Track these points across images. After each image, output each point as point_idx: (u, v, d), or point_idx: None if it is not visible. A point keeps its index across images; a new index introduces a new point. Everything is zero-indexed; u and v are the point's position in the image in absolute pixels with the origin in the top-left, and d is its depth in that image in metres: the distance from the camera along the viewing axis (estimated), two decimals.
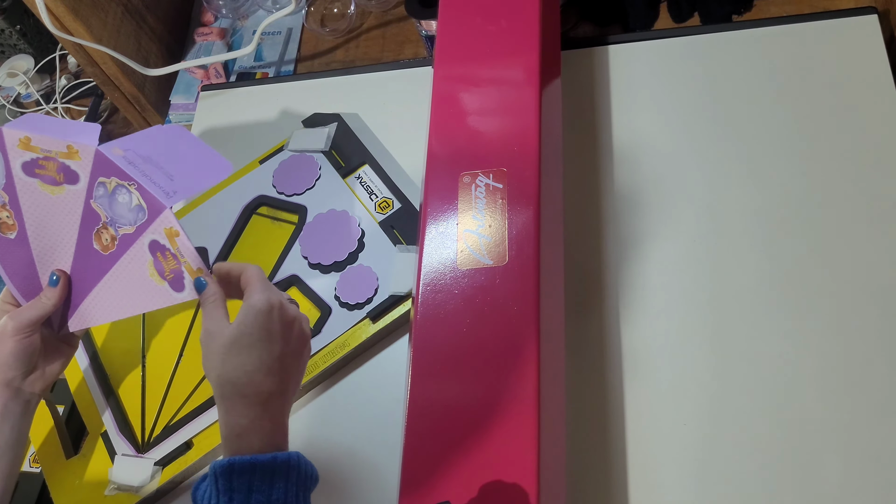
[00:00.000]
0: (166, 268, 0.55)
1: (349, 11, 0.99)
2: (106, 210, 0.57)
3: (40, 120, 0.59)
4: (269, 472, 0.49)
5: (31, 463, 0.78)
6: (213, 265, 0.56)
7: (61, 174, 0.58)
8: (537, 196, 0.62)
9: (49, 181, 0.58)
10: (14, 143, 0.58)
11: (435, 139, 0.67)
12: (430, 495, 0.54)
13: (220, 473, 0.49)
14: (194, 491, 0.51)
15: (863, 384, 0.63)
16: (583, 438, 0.65)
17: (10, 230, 0.61)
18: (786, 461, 0.61)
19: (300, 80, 0.95)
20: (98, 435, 0.75)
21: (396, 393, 0.65)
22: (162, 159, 0.57)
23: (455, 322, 0.59)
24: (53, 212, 0.59)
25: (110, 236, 0.57)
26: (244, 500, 0.48)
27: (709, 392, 0.65)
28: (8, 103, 1.13)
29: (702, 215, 0.72)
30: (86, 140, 0.57)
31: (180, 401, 0.74)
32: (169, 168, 0.56)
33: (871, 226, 0.68)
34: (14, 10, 1.10)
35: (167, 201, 0.54)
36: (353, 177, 0.81)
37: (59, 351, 0.63)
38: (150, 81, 1.00)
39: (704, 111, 0.77)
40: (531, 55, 0.68)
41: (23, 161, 0.59)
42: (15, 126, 0.58)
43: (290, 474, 0.50)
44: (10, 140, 0.58)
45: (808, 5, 0.82)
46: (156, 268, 0.56)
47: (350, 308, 0.74)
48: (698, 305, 0.69)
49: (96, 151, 0.56)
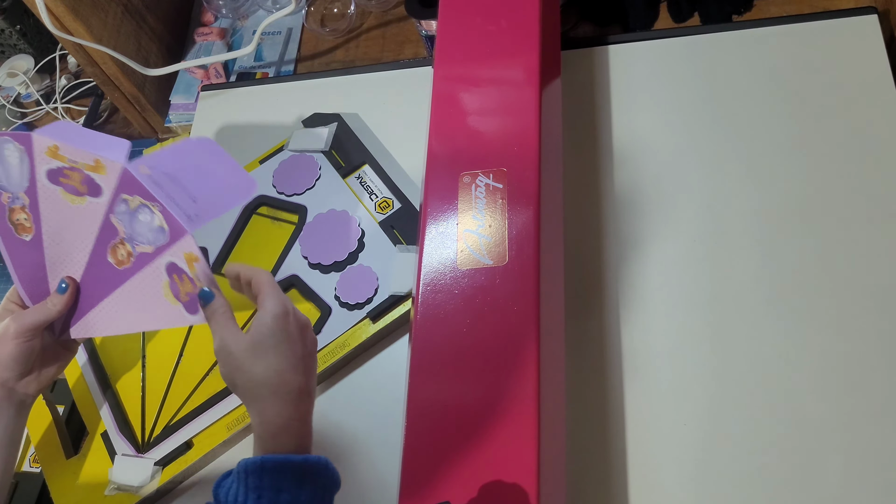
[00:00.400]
0: (182, 290, 0.56)
1: (349, 11, 0.99)
2: (125, 226, 0.57)
3: (72, 129, 0.59)
4: (299, 473, 0.50)
5: (31, 463, 0.78)
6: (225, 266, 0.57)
7: (85, 186, 0.58)
8: (537, 196, 0.62)
9: (71, 191, 0.59)
10: (42, 150, 0.59)
11: (435, 139, 0.67)
12: (430, 495, 0.54)
13: (250, 471, 0.49)
14: (216, 487, 0.51)
15: (863, 384, 0.63)
16: (583, 438, 0.65)
17: (27, 232, 0.61)
18: (786, 461, 0.61)
19: (300, 80, 0.95)
20: (98, 435, 0.75)
21: (396, 393, 0.65)
22: (188, 179, 0.57)
23: (455, 322, 0.59)
24: (71, 220, 0.60)
25: (126, 252, 0.58)
26: (273, 499, 0.49)
27: (709, 392, 0.65)
28: (8, 103, 1.13)
29: (702, 215, 0.72)
30: (114, 156, 0.57)
31: (180, 401, 0.74)
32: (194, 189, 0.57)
33: (871, 226, 0.68)
34: (14, 10, 1.10)
35: (190, 226, 0.55)
36: (353, 177, 0.81)
37: (58, 355, 0.63)
38: (150, 81, 1.00)
39: (704, 111, 0.77)
40: (531, 55, 0.68)
41: (48, 168, 0.59)
42: (46, 133, 0.59)
43: (318, 478, 0.51)
44: (39, 146, 0.59)
45: (808, 5, 0.82)
46: (171, 289, 0.56)
47: (350, 308, 0.74)
48: (698, 305, 0.69)
49: (123, 169, 0.56)
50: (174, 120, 1.01)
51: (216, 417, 0.72)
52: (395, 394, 0.68)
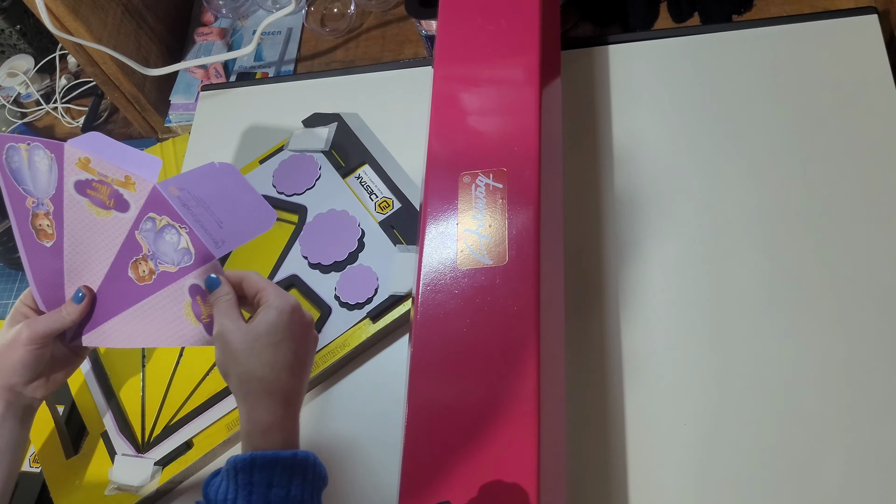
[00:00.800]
0: (204, 312, 0.57)
1: (349, 11, 0.99)
2: (149, 244, 0.58)
3: (105, 143, 0.59)
4: (289, 469, 0.50)
5: (31, 463, 0.78)
6: None
7: (112, 200, 0.59)
8: (537, 196, 0.62)
9: (98, 203, 0.59)
10: (73, 160, 0.59)
11: (435, 139, 0.67)
12: (430, 495, 0.54)
13: (240, 468, 0.49)
14: (206, 486, 0.51)
15: (863, 384, 0.63)
16: (583, 438, 0.65)
17: (48, 238, 0.61)
18: (786, 461, 0.61)
19: (300, 80, 0.94)
20: (98, 435, 0.75)
21: (396, 393, 0.65)
22: (214, 203, 0.58)
23: (455, 322, 0.59)
24: (94, 232, 0.60)
25: (149, 269, 0.58)
26: (263, 495, 0.49)
27: (709, 392, 0.65)
28: (8, 103, 1.13)
29: (702, 215, 0.72)
30: (145, 174, 0.57)
31: (180, 401, 0.74)
32: (220, 214, 0.58)
33: (871, 226, 0.68)
34: (14, 10, 1.10)
35: (216, 251, 0.56)
36: (353, 177, 0.81)
37: (67, 360, 0.63)
38: (150, 81, 1.00)
39: (704, 111, 0.77)
40: (531, 55, 0.68)
41: (77, 179, 0.59)
42: (79, 144, 0.59)
43: (307, 473, 0.51)
44: (70, 156, 0.59)
45: (808, 5, 0.82)
46: (193, 309, 0.57)
47: (350, 308, 0.74)
48: (698, 305, 0.69)
49: (153, 188, 0.57)
50: (174, 120, 1.01)
51: (216, 417, 0.72)
52: (395, 394, 0.68)
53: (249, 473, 0.49)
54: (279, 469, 0.50)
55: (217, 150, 0.92)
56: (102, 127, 1.08)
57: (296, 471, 0.50)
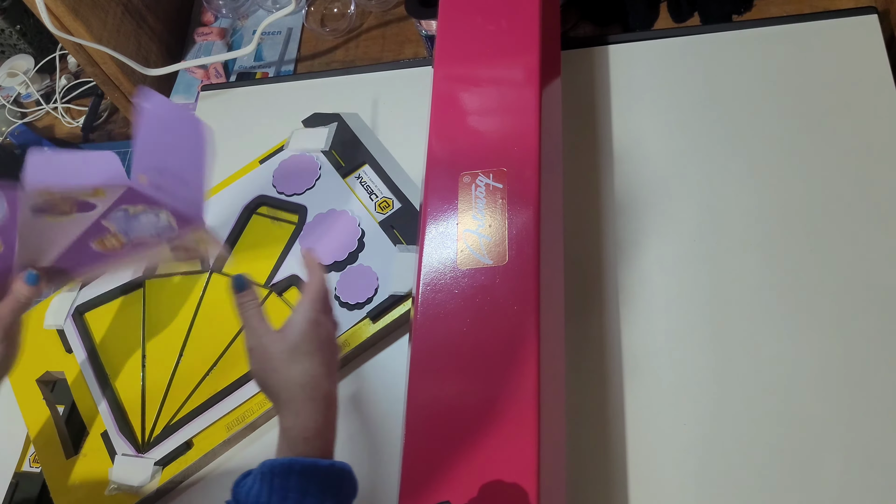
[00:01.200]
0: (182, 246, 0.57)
1: (349, 11, 0.99)
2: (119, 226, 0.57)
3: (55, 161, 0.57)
4: (325, 479, 0.50)
5: (31, 463, 0.78)
6: None
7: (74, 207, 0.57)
8: (537, 196, 0.62)
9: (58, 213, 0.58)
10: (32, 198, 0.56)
11: (435, 139, 0.67)
12: (430, 495, 0.54)
13: (277, 472, 0.49)
14: (236, 486, 0.50)
15: (863, 384, 0.63)
16: (583, 438, 0.65)
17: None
18: (786, 461, 0.61)
19: (300, 80, 0.95)
20: (98, 435, 0.75)
21: (396, 393, 0.65)
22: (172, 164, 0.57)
23: (455, 322, 0.59)
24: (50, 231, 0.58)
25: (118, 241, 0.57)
26: (298, 501, 0.48)
27: (709, 392, 0.65)
28: (8, 103, 1.13)
29: (702, 215, 0.72)
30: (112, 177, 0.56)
31: (180, 401, 0.74)
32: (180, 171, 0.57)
33: (871, 226, 0.68)
34: (14, 9, 1.10)
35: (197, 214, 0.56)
36: (353, 177, 0.81)
37: None
38: (150, 81, 1.00)
39: (704, 111, 0.77)
40: (531, 55, 0.68)
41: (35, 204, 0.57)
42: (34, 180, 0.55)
43: (342, 485, 0.51)
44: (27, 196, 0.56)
45: (808, 5, 0.82)
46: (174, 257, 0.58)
47: (350, 308, 0.74)
48: (698, 305, 0.69)
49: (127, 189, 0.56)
50: None
51: (216, 417, 0.72)
52: (395, 394, 0.68)
53: (286, 479, 0.49)
54: (317, 478, 0.49)
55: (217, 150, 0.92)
56: (102, 127, 1.08)
57: (332, 482, 0.50)
